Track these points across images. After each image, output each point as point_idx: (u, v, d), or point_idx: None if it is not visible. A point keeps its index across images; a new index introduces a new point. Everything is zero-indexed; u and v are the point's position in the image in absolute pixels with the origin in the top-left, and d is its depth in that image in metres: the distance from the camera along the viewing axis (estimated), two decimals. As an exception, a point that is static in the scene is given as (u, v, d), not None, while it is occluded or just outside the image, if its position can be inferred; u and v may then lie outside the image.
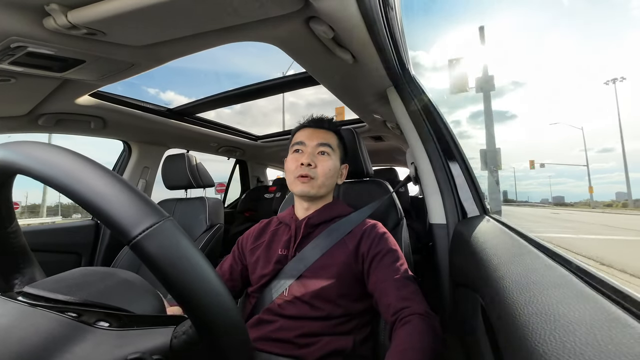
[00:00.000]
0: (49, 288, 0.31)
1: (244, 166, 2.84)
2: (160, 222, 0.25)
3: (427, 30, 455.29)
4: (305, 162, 0.72)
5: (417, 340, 0.52)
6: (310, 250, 0.70)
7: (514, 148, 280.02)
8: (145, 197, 0.26)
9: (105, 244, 1.56)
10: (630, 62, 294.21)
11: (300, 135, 0.78)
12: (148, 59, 0.89)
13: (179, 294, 0.24)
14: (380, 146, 2.25)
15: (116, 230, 0.24)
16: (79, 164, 0.26)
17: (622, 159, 29.16)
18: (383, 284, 0.63)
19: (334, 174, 0.77)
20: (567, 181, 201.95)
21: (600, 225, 12.27)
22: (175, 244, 0.25)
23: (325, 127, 0.80)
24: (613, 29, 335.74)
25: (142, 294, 0.37)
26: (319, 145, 0.75)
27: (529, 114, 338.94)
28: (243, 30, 0.77)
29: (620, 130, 30.97)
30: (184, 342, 0.29)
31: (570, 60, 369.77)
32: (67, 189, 0.24)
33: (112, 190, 0.25)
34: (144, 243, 0.24)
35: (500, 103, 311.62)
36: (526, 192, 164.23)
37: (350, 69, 0.96)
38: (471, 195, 0.88)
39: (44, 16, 0.67)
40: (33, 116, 1.17)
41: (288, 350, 0.61)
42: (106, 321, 0.29)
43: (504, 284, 0.33)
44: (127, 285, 0.36)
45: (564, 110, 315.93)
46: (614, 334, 0.20)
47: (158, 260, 0.24)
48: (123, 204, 0.24)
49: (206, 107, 1.62)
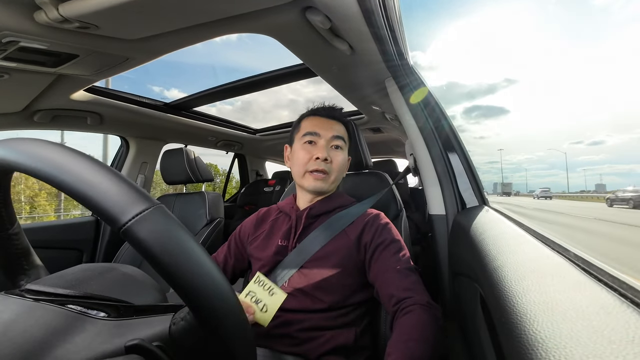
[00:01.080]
0: (50, 284, 0.32)
1: (243, 160, 2.83)
2: (151, 208, 0.25)
3: (427, 19, 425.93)
4: (322, 156, 0.69)
5: (419, 331, 0.52)
6: (311, 241, 0.69)
7: (508, 142, 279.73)
8: (135, 185, 0.26)
9: (106, 240, 1.57)
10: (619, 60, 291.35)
11: (312, 125, 0.74)
12: (142, 52, 0.88)
13: (172, 278, 0.24)
14: (379, 138, 2.24)
15: (107, 217, 0.24)
16: (66, 156, 0.26)
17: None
18: (385, 274, 0.63)
19: (346, 168, 0.75)
20: (558, 172, 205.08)
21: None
22: (166, 228, 0.25)
23: (337, 117, 0.76)
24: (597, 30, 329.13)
25: (143, 287, 0.37)
26: (334, 138, 0.72)
27: (522, 109, 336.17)
28: (238, 21, 0.76)
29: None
30: (182, 328, 0.29)
31: (564, 56, 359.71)
32: (55, 180, 0.25)
33: (101, 179, 0.25)
34: (134, 229, 0.24)
35: (493, 99, 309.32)
36: (520, 183, 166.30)
37: (348, 60, 0.95)
38: (470, 185, 0.89)
39: (35, 10, 0.66)
40: (28, 113, 1.16)
41: (289, 346, 0.61)
42: (106, 312, 0.30)
43: (502, 273, 0.33)
44: (128, 279, 0.37)
45: (556, 105, 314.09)
46: (609, 319, 0.20)
47: (149, 246, 0.24)
48: (113, 192, 0.25)
49: (203, 101, 1.60)
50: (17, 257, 0.36)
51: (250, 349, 0.30)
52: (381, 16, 0.74)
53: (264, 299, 0.57)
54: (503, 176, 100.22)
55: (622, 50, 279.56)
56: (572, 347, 0.19)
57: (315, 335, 0.61)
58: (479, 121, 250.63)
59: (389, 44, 0.86)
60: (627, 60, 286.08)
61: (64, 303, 0.29)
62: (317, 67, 1.05)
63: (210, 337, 0.27)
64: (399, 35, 0.88)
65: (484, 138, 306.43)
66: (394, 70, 1.02)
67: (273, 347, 0.61)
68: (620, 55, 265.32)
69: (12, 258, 0.36)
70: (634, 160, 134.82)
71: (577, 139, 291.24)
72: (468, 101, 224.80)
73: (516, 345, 0.23)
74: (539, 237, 0.44)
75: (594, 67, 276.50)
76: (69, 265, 0.37)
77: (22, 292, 0.30)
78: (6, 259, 0.36)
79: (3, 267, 0.36)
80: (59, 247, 1.44)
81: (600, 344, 0.18)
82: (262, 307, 0.56)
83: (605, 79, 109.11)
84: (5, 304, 0.28)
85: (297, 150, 0.73)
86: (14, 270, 0.36)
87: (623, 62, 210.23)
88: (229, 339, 0.27)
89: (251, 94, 1.63)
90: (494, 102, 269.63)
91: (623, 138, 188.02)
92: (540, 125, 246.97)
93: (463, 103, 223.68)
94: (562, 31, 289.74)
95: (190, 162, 1.47)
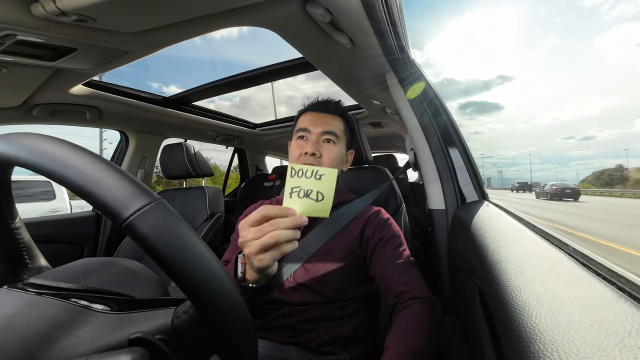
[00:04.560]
0: (53, 278, 0.32)
1: (243, 155, 2.82)
2: (152, 203, 0.25)
3: (426, 15, 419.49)
4: (310, 151, 0.69)
5: (418, 324, 0.52)
6: (314, 237, 0.69)
7: (501, 136, 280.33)
8: (136, 180, 0.27)
9: (107, 235, 1.58)
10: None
11: (305, 120, 0.74)
12: (141, 46, 0.87)
13: (174, 272, 0.25)
14: (380, 133, 2.23)
15: (109, 212, 0.24)
16: (68, 151, 0.26)
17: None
18: (385, 268, 0.64)
19: (340, 162, 0.75)
20: (551, 167, 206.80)
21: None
22: (168, 223, 0.25)
23: (331, 111, 0.76)
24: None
25: (145, 281, 0.37)
26: (324, 132, 0.72)
27: (515, 105, 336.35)
28: (238, 14, 0.75)
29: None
30: (184, 322, 0.29)
31: (560, 54, 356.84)
32: (56, 175, 0.25)
33: (103, 174, 0.25)
34: (136, 223, 0.24)
35: (487, 95, 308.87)
36: (514, 177, 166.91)
37: (348, 53, 0.94)
38: (470, 180, 0.89)
39: (32, 2, 0.65)
40: (27, 107, 1.15)
41: (288, 337, 0.62)
42: (108, 305, 0.30)
43: (501, 267, 0.33)
44: (129, 273, 0.37)
45: (549, 102, 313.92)
46: (608, 312, 0.20)
47: (151, 240, 0.24)
48: (115, 187, 0.25)
49: (202, 95, 1.59)
50: (19, 251, 0.36)
51: (251, 341, 0.31)
52: (382, 9, 0.73)
53: (315, 187, 0.47)
54: (497, 170, 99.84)
55: (612, 48, 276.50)
56: (571, 339, 0.19)
57: (314, 327, 0.62)
58: (473, 117, 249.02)
59: (389, 37, 0.85)
60: (617, 58, 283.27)
61: (67, 297, 0.29)
62: (317, 61, 1.04)
63: (212, 330, 0.28)
64: (400, 29, 0.87)
65: (479, 133, 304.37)
66: (395, 64, 1.01)
67: (273, 338, 0.62)
68: (610, 53, 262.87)
69: (14, 252, 0.36)
70: (622, 155, 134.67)
71: (569, 134, 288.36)
72: (463, 97, 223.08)
73: (515, 337, 0.23)
74: (538, 231, 0.44)
75: (585, 65, 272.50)
76: (70, 260, 0.38)
77: (24, 286, 0.30)
78: (8, 253, 0.36)
79: (5, 261, 0.36)
80: (60, 242, 1.44)
81: (598, 336, 0.18)
82: (316, 197, 0.47)
83: (596, 76, 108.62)
84: (8, 297, 0.28)
85: (292, 146, 0.74)
86: (16, 264, 0.36)
87: (613, 60, 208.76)
88: (231, 332, 0.28)
89: (248, 90, 1.62)
90: (489, 99, 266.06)
91: (613, 133, 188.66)
92: (533, 121, 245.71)
93: (458, 99, 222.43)
94: (554, 29, 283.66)
95: (190, 156, 1.46)
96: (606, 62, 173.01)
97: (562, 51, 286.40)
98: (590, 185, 49.57)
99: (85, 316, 0.28)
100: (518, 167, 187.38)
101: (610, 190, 52.38)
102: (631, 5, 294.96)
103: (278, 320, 0.63)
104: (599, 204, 23.28)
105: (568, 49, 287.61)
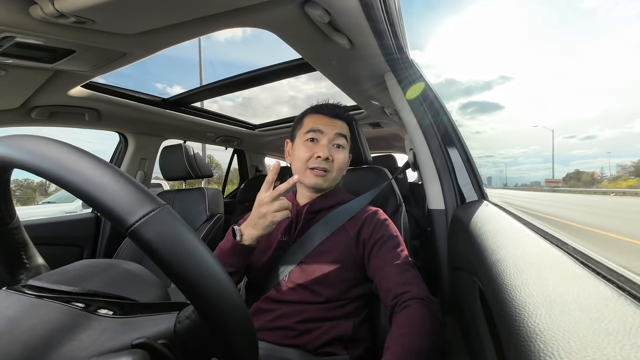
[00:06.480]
0: (53, 280, 0.32)
1: (242, 156, 2.82)
2: (157, 209, 0.25)
3: (426, 15, 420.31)
4: (324, 155, 0.69)
5: (417, 324, 0.52)
6: (312, 236, 0.70)
7: (503, 136, 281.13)
8: (141, 185, 0.26)
9: (107, 236, 1.57)
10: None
11: (316, 121, 0.73)
12: (140, 47, 0.87)
13: (178, 278, 0.25)
14: (379, 133, 2.23)
15: (114, 218, 0.24)
16: (74, 155, 0.26)
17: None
18: (383, 269, 0.64)
19: (346, 167, 0.76)
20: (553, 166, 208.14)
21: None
22: (173, 229, 0.25)
23: (341, 116, 0.76)
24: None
25: (145, 283, 0.37)
26: (336, 136, 0.72)
27: (517, 104, 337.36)
28: (237, 15, 0.75)
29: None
30: (187, 327, 0.29)
31: (559, 54, 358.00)
32: (62, 180, 0.25)
33: (108, 180, 0.25)
34: (141, 230, 0.24)
35: (489, 95, 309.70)
36: (516, 177, 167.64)
37: (347, 54, 0.94)
38: (470, 180, 0.89)
39: (30, 4, 0.65)
40: (26, 109, 1.15)
41: (288, 338, 0.61)
42: (110, 309, 0.30)
43: (501, 267, 0.34)
44: (130, 275, 0.37)
45: (550, 102, 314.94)
46: (608, 311, 0.20)
47: (156, 247, 0.24)
48: (120, 193, 0.25)
49: (201, 97, 1.59)
50: (17, 251, 0.36)
51: (253, 348, 0.31)
52: (380, 9, 0.74)
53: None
54: (498, 170, 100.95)
55: (613, 49, 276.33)
56: (571, 338, 0.19)
57: (313, 327, 0.62)
58: (474, 116, 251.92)
59: (388, 38, 0.85)
60: (618, 59, 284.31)
61: (68, 300, 0.29)
62: (316, 61, 1.04)
63: (215, 336, 0.28)
64: (398, 29, 0.87)
65: (480, 133, 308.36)
66: (394, 64, 1.02)
67: (272, 340, 0.62)
68: (612, 54, 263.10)
69: (11, 253, 0.36)
70: (625, 154, 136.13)
71: (571, 133, 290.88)
72: (464, 97, 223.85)
73: (515, 337, 0.23)
74: (538, 231, 0.44)
75: (586, 65, 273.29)
76: (69, 261, 0.37)
77: (24, 288, 0.30)
78: (6, 254, 0.36)
79: (3, 261, 0.36)
80: (59, 244, 1.44)
81: (599, 335, 0.18)
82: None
83: (597, 76, 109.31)
84: (8, 300, 0.28)
85: (299, 147, 0.73)
86: (14, 265, 0.36)
87: (614, 60, 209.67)
88: (233, 337, 0.28)
89: (251, 90, 1.62)
90: (490, 99, 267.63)
91: (614, 132, 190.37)
92: (535, 121, 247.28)
93: (459, 99, 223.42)
94: (555, 29, 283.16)
95: (189, 158, 1.46)
96: (606, 62, 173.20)
97: (562, 51, 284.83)
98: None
99: (87, 320, 0.27)
100: (519, 167, 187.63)
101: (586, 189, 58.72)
102: (631, 6, 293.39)
103: (277, 321, 0.63)
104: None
105: (568, 48, 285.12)
